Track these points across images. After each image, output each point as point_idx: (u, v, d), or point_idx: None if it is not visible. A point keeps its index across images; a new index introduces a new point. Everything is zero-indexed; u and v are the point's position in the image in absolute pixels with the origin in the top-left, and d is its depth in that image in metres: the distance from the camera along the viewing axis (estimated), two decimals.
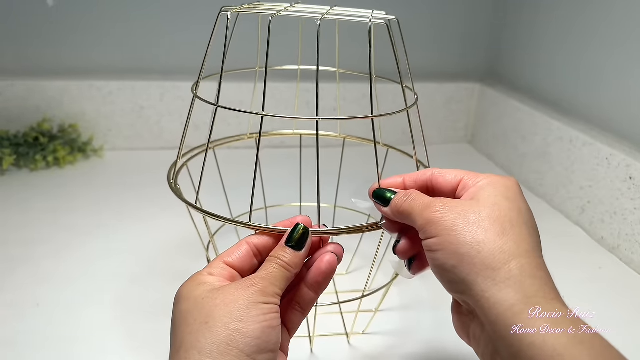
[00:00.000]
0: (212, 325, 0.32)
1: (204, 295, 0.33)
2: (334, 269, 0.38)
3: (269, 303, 0.34)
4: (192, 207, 0.43)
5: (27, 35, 0.91)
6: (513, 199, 0.35)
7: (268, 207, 0.66)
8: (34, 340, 0.50)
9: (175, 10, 0.92)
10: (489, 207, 0.33)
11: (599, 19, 0.77)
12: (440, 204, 0.35)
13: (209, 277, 0.35)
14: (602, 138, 0.74)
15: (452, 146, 1.08)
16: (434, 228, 0.34)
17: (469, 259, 0.32)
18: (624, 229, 0.68)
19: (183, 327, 0.33)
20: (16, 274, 0.60)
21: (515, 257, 0.32)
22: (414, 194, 0.37)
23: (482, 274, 0.31)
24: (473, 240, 0.32)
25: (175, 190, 0.46)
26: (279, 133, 0.67)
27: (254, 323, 0.32)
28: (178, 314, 0.34)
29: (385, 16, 0.45)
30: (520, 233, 0.33)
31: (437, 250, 0.33)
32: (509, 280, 0.31)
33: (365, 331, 0.54)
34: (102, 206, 0.76)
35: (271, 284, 0.35)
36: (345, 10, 0.47)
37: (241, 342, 0.31)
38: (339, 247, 0.39)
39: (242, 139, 0.61)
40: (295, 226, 0.38)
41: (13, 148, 0.85)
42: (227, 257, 0.37)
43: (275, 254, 0.37)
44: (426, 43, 1.03)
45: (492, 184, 0.35)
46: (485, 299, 0.31)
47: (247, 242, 0.38)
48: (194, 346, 0.31)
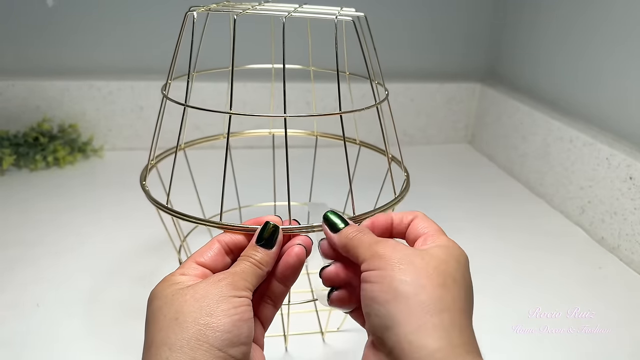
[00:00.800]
0: (182, 321, 0.32)
1: (174, 293, 0.33)
2: (302, 261, 0.38)
3: (240, 296, 0.34)
4: (161, 209, 0.42)
5: (27, 35, 0.91)
6: (462, 265, 0.35)
7: (242, 207, 0.66)
8: (34, 340, 0.50)
9: (175, 11, 0.92)
10: (436, 260, 0.34)
11: (599, 19, 0.77)
12: (391, 242, 0.35)
13: (181, 277, 0.35)
14: (602, 138, 0.74)
15: (452, 146, 1.08)
16: (378, 261, 0.34)
17: (406, 298, 0.31)
18: (624, 229, 0.68)
19: (154, 325, 0.32)
20: (16, 274, 0.60)
21: (450, 310, 0.32)
22: (366, 230, 0.37)
23: (414, 315, 0.31)
24: (414, 282, 0.32)
25: (145, 192, 0.46)
26: (251, 133, 0.66)
27: (225, 317, 0.32)
28: (149, 313, 0.34)
29: (354, 13, 0.45)
30: (459, 293, 0.33)
31: (375, 282, 0.33)
32: (437, 327, 0.31)
33: (340, 328, 0.54)
34: (102, 206, 0.76)
35: (242, 279, 0.35)
36: (314, 8, 0.47)
37: (211, 336, 0.31)
38: (307, 239, 0.39)
39: (218, 139, 0.60)
40: (264, 224, 0.38)
41: (13, 148, 0.86)
42: (199, 257, 0.37)
43: (247, 253, 0.37)
44: (426, 43, 1.03)
45: (448, 247, 0.36)
46: (408, 342, 0.30)
47: (219, 241, 0.38)
48: (164, 342, 0.31)
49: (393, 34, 1.01)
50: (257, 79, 0.96)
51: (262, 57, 0.69)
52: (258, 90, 0.97)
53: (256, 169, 0.76)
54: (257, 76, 0.95)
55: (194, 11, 0.44)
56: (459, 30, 1.04)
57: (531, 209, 0.82)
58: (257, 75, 0.95)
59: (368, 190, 0.55)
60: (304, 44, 0.59)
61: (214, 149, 0.75)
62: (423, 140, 1.07)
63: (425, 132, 1.07)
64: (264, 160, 0.74)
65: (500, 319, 0.57)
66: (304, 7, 0.47)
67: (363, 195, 0.53)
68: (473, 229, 0.75)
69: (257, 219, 0.39)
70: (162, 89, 0.47)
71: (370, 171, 0.54)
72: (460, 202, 0.83)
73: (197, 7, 0.45)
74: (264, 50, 0.70)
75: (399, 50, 1.03)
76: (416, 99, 1.04)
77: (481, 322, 0.56)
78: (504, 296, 0.60)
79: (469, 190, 0.88)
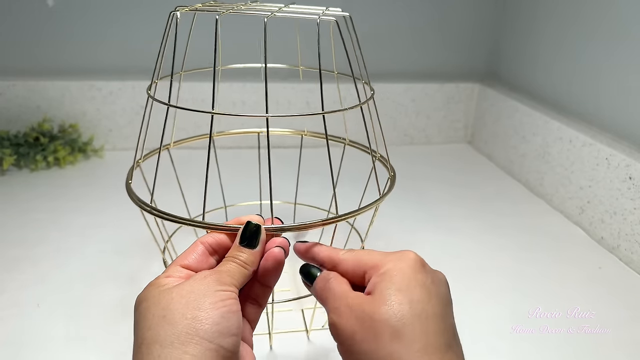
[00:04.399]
0: (170, 318, 0.32)
1: (160, 293, 0.34)
2: (281, 263, 0.38)
3: (226, 290, 0.34)
4: (143, 208, 0.42)
5: (27, 35, 0.91)
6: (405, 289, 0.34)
7: (228, 205, 0.66)
8: (34, 340, 0.50)
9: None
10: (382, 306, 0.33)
11: (598, 19, 0.77)
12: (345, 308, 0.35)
13: (166, 279, 0.35)
14: (601, 138, 0.74)
15: (451, 146, 1.08)
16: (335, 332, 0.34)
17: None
18: (624, 229, 0.68)
19: (142, 324, 0.33)
20: (17, 274, 0.60)
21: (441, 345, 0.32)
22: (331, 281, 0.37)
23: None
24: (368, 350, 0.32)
25: (129, 192, 0.46)
26: (237, 132, 0.66)
27: (212, 309, 0.32)
28: (137, 315, 0.34)
29: (339, 13, 0.45)
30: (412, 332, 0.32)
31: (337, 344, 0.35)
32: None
33: (324, 326, 0.54)
34: (102, 206, 0.76)
35: (228, 276, 0.35)
36: (300, 7, 0.47)
37: (201, 329, 0.31)
38: (284, 241, 0.39)
39: (204, 138, 0.60)
40: (246, 225, 0.38)
41: (13, 148, 0.86)
42: (183, 260, 0.37)
43: (232, 254, 0.37)
44: (426, 43, 1.03)
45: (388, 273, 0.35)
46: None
47: (202, 242, 0.38)
48: (154, 340, 0.31)
49: (393, 35, 1.01)
50: (257, 79, 0.96)
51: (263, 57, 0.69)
52: (258, 91, 0.97)
53: (244, 169, 0.75)
54: (256, 76, 0.95)
55: (178, 11, 0.44)
56: (458, 30, 1.04)
57: (531, 209, 0.82)
58: (257, 75, 0.95)
59: (358, 190, 0.55)
60: (296, 43, 0.59)
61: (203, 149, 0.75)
62: (423, 140, 1.07)
63: (424, 132, 1.07)
64: (253, 160, 0.74)
65: (500, 319, 0.57)
66: (289, 7, 0.47)
67: (351, 194, 0.53)
68: (472, 229, 0.75)
69: (238, 218, 0.39)
70: (147, 88, 0.47)
71: (360, 170, 0.54)
72: (460, 202, 0.83)
73: (182, 7, 0.45)
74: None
75: (398, 50, 1.03)
76: (416, 99, 1.04)
77: (481, 322, 0.56)
78: (504, 296, 0.60)
79: (468, 190, 0.88)
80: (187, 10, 0.44)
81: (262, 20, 0.39)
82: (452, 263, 0.66)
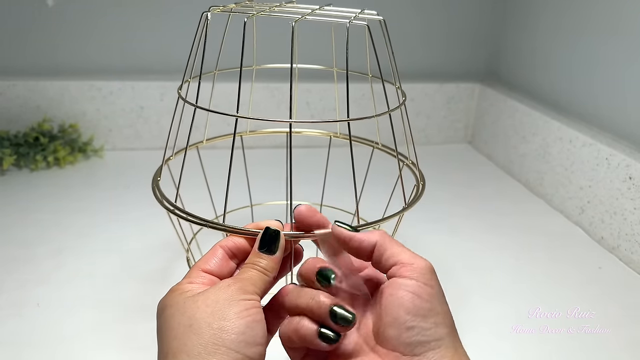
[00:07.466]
0: (197, 327, 0.32)
1: (185, 300, 0.34)
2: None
3: (250, 299, 0.34)
4: (166, 208, 0.42)
5: (27, 35, 0.91)
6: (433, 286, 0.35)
7: (254, 204, 0.66)
8: (34, 340, 0.50)
9: (175, 11, 0.92)
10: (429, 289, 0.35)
11: (598, 19, 0.77)
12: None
13: (189, 285, 0.35)
14: (601, 138, 0.74)
15: (452, 146, 1.08)
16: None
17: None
18: (624, 229, 0.68)
19: (168, 333, 0.33)
20: (16, 274, 0.60)
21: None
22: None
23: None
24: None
25: (155, 191, 0.45)
26: (266, 132, 0.66)
27: (238, 319, 0.32)
28: (162, 322, 0.34)
29: (374, 17, 0.44)
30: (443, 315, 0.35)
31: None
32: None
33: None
34: (102, 206, 0.76)
35: (250, 284, 0.35)
36: (334, 10, 0.47)
37: (227, 339, 0.31)
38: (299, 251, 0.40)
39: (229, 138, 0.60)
40: (264, 231, 0.38)
41: (13, 148, 0.86)
42: (204, 264, 0.37)
43: (251, 261, 0.37)
44: (426, 43, 1.03)
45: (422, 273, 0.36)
46: None
47: (221, 246, 0.38)
48: (181, 350, 0.31)
49: (392, 35, 1.00)
50: (276, 79, 0.95)
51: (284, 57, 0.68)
52: (296, 91, 0.96)
53: (275, 168, 0.75)
54: (276, 77, 0.94)
55: (211, 11, 0.44)
56: (458, 30, 1.04)
57: (531, 208, 0.82)
58: (277, 76, 0.94)
59: (387, 194, 0.55)
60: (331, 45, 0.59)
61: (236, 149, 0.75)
62: (423, 140, 1.07)
63: (424, 132, 1.07)
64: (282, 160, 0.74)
65: (500, 319, 0.57)
66: (324, 9, 0.46)
67: (380, 196, 0.53)
68: (472, 229, 0.75)
69: (257, 223, 0.39)
70: (178, 89, 0.47)
71: (392, 172, 0.54)
72: (460, 201, 0.83)
73: (215, 7, 0.45)
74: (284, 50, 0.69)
75: (398, 51, 1.02)
76: (416, 99, 1.04)
77: (481, 322, 0.56)
78: (504, 296, 0.60)
79: (468, 190, 0.88)
80: (220, 10, 0.44)
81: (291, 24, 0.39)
82: (452, 263, 0.66)
